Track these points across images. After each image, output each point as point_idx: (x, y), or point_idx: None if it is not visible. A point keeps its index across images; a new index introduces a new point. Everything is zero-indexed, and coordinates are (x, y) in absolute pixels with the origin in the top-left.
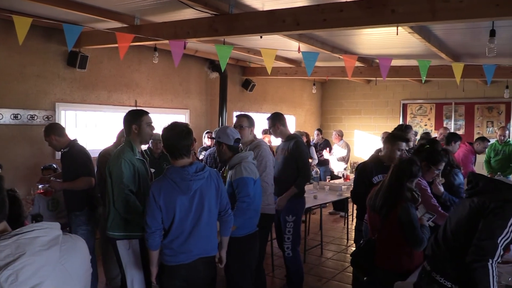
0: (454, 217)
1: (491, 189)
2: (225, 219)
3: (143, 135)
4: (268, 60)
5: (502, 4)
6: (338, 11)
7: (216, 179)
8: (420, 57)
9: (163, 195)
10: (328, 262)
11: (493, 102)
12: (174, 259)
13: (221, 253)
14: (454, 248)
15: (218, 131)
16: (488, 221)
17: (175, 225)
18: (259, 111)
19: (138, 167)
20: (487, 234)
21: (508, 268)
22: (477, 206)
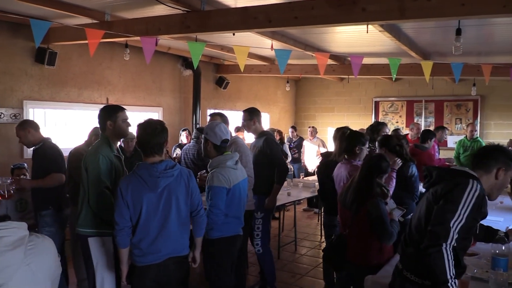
0: (416, 213)
1: (445, 178)
2: (197, 220)
3: (118, 131)
4: (241, 58)
5: (467, 3)
6: (309, 9)
7: (187, 178)
8: (391, 55)
9: (130, 191)
10: (302, 258)
11: (461, 99)
12: (143, 259)
13: (195, 253)
14: (419, 243)
15: (207, 127)
16: (439, 206)
17: (142, 223)
18: (233, 108)
19: (115, 163)
20: (438, 219)
21: (474, 260)
22: (431, 196)
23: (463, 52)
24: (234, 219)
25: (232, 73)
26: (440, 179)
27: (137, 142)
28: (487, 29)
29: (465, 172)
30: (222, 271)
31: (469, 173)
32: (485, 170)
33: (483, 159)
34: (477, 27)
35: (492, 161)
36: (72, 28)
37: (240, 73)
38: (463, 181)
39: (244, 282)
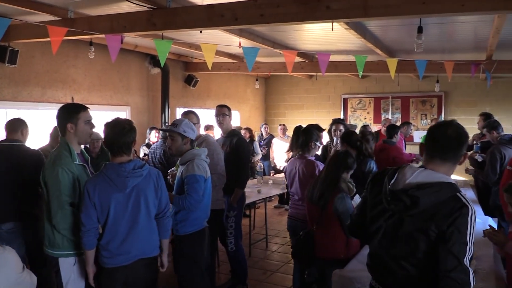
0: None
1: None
2: (162, 222)
3: (81, 134)
4: (209, 55)
5: (428, 2)
6: (275, 7)
7: (156, 178)
8: (357, 53)
9: (98, 192)
10: (273, 255)
11: (426, 96)
12: (112, 261)
13: (162, 257)
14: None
15: (184, 125)
16: (449, 245)
17: (110, 224)
18: (203, 106)
19: (78, 175)
20: (453, 262)
21: None
22: (428, 231)
23: (427, 50)
24: (203, 212)
25: (201, 71)
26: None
27: (105, 142)
28: (449, 27)
29: (448, 184)
30: (197, 268)
31: (453, 184)
32: (455, 161)
33: (456, 149)
34: (440, 25)
35: (461, 151)
36: (33, 26)
37: (209, 71)
38: (460, 204)
39: (214, 281)
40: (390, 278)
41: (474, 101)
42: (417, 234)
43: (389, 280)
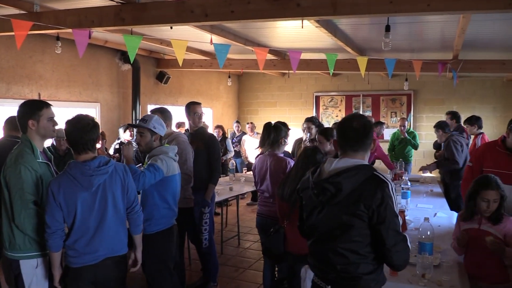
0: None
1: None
2: (132, 217)
3: (43, 132)
4: (179, 52)
5: (395, 1)
6: (246, 3)
7: (123, 174)
8: (329, 51)
9: (62, 192)
10: (246, 252)
11: (396, 94)
12: (79, 260)
13: (136, 253)
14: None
15: (154, 122)
16: (387, 223)
17: (77, 224)
18: (175, 103)
19: (42, 173)
20: (395, 236)
21: None
22: (362, 212)
23: (396, 49)
24: (170, 210)
25: (173, 68)
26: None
27: (68, 140)
28: (418, 27)
29: (364, 166)
30: (165, 267)
31: (368, 165)
32: (365, 149)
33: (362, 139)
34: (408, 24)
35: (368, 139)
36: None
37: (182, 67)
38: (379, 181)
39: (184, 280)
40: (333, 272)
41: (442, 99)
42: (350, 219)
43: (332, 274)
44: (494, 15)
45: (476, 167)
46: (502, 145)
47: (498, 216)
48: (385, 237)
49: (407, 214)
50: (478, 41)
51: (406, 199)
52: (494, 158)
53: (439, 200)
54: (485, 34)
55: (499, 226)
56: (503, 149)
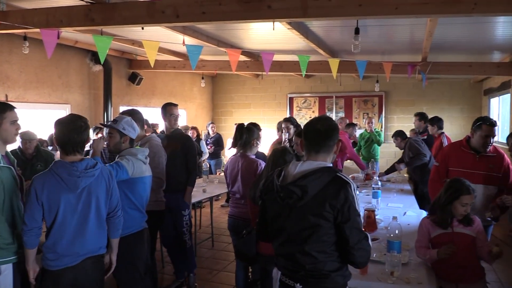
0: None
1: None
2: (113, 221)
3: (5, 135)
4: (151, 53)
5: (364, 4)
6: (217, 5)
7: (108, 178)
8: (301, 53)
9: (46, 191)
10: (220, 254)
11: (368, 95)
12: (58, 263)
13: (111, 256)
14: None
15: (124, 123)
16: (351, 222)
17: (57, 224)
18: (147, 105)
19: (3, 178)
20: (358, 235)
21: (374, 245)
22: (327, 213)
23: (367, 51)
24: (138, 212)
25: (145, 69)
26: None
27: (57, 140)
28: (388, 30)
29: (327, 168)
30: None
31: (330, 167)
32: (328, 151)
33: (325, 141)
34: (379, 27)
35: (331, 141)
36: None
37: (154, 68)
38: (342, 182)
39: (156, 283)
40: (301, 270)
41: (412, 100)
42: (317, 220)
43: (300, 272)
44: (459, 19)
45: (442, 167)
46: (467, 145)
47: (470, 217)
48: (349, 236)
49: (378, 213)
50: (445, 44)
51: (376, 198)
52: (459, 158)
53: (409, 198)
54: (452, 37)
55: (472, 227)
56: (468, 149)
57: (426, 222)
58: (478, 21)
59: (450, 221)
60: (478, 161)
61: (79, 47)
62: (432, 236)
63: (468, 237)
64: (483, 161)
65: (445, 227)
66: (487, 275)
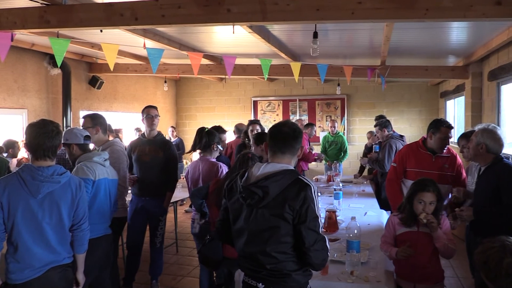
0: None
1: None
2: (77, 234)
3: None
4: (110, 56)
5: (321, 9)
6: (177, 8)
7: (76, 188)
8: (264, 57)
9: (7, 193)
10: (184, 259)
11: (330, 98)
12: (20, 276)
13: (77, 275)
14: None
15: (64, 134)
16: (307, 223)
17: (16, 230)
18: (109, 109)
19: None
20: (314, 236)
21: (335, 245)
22: (290, 215)
23: (329, 55)
24: (100, 217)
25: (106, 72)
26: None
27: (28, 144)
28: (348, 34)
29: (290, 171)
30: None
31: (293, 170)
32: (293, 153)
33: (291, 142)
34: (339, 31)
35: (296, 144)
36: None
37: (116, 72)
38: (303, 184)
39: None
40: (263, 270)
41: (373, 103)
42: (277, 220)
43: (262, 272)
44: (415, 24)
45: (399, 167)
46: (423, 146)
47: (436, 219)
48: (305, 237)
49: (339, 214)
50: (402, 48)
51: (338, 199)
52: (417, 158)
53: (370, 199)
54: (408, 41)
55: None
56: (425, 150)
57: (394, 219)
58: (433, 26)
59: (416, 220)
60: (434, 161)
61: (36, 50)
62: (397, 234)
63: (432, 238)
64: (439, 161)
65: (409, 225)
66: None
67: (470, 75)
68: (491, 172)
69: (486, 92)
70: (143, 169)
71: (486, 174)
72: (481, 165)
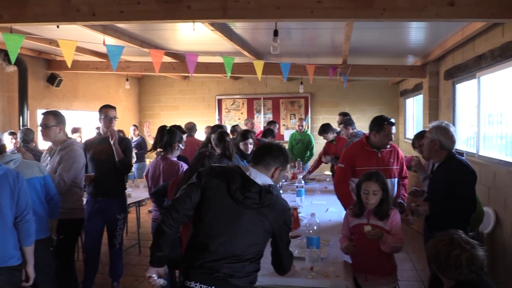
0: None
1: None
2: (21, 226)
3: None
4: (68, 52)
5: (282, 8)
6: (136, 4)
7: (13, 180)
8: (227, 55)
9: None
10: (147, 260)
11: (294, 97)
12: None
13: (27, 269)
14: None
15: None
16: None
17: None
18: (69, 108)
19: None
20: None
21: (296, 242)
22: (272, 225)
23: (292, 53)
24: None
25: (66, 70)
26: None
27: None
28: (310, 33)
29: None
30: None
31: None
32: (266, 167)
33: (265, 156)
34: (302, 30)
35: (272, 161)
36: None
37: (76, 69)
38: (286, 205)
39: None
40: (220, 273)
41: (336, 101)
42: (256, 228)
43: (221, 272)
44: (374, 24)
45: (348, 168)
46: (368, 144)
47: (384, 211)
48: (282, 252)
49: (301, 211)
50: (363, 48)
51: (300, 196)
52: (364, 157)
53: (332, 196)
54: (368, 41)
55: (387, 221)
56: (370, 147)
57: (347, 212)
58: (392, 26)
59: (365, 212)
60: (380, 157)
61: None
62: (351, 226)
63: (372, 226)
64: (384, 157)
65: (359, 216)
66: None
67: (428, 74)
68: (445, 168)
69: (442, 91)
70: (99, 168)
71: (440, 170)
72: (435, 161)
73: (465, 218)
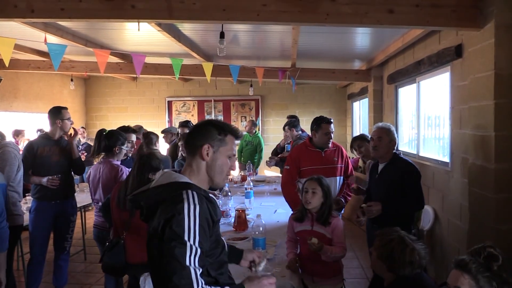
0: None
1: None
2: None
3: None
4: (6, 50)
5: (228, 9)
6: (77, 2)
7: None
8: (177, 56)
9: None
10: (93, 267)
11: (245, 99)
12: None
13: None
14: None
15: None
16: (167, 248)
17: None
18: (8, 109)
19: None
20: (172, 267)
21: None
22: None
23: (243, 56)
24: None
25: (5, 69)
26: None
27: None
28: (260, 36)
29: (175, 183)
30: None
31: (179, 182)
32: (193, 154)
33: (190, 141)
34: (252, 33)
35: (196, 141)
36: None
37: (16, 68)
38: (176, 200)
39: None
40: None
41: (286, 104)
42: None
43: None
44: (321, 29)
45: (293, 169)
46: (311, 144)
47: (325, 218)
48: (163, 263)
49: (250, 213)
50: (310, 51)
51: (249, 198)
52: (308, 157)
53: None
54: (315, 45)
55: (329, 228)
56: (313, 147)
57: (291, 218)
58: (338, 31)
59: (307, 217)
60: (324, 157)
61: None
62: (296, 231)
63: (324, 237)
64: (328, 156)
65: (301, 221)
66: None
67: (372, 79)
68: (392, 167)
69: (386, 94)
70: (52, 170)
71: (388, 169)
72: (382, 162)
73: (410, 215)
